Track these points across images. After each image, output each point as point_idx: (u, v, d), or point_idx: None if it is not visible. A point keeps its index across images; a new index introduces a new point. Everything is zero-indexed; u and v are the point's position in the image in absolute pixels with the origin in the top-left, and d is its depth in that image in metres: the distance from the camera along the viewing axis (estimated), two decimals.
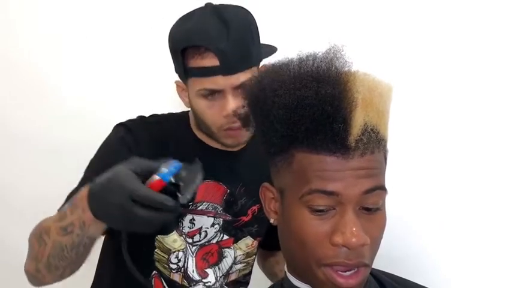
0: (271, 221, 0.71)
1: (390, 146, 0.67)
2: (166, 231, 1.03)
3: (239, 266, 1.12)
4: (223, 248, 1.08)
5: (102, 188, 0.76)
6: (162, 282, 1.06)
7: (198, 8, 0.98)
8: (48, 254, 0.84)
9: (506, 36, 1.27)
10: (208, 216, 1.05)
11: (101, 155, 1.02)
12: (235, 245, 1.09)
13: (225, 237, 1.08)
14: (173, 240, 1.04)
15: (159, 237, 1.03)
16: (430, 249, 1.35)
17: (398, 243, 1.25)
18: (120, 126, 1.05)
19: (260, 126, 0.68)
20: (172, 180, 0.77)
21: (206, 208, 1.05)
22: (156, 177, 0.75)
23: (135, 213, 0.72)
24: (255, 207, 1.09)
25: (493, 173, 1.29)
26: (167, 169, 0.76)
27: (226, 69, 0.91)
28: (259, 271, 1.30)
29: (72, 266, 0.87)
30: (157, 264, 1.06)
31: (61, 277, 0.88)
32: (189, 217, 1.04)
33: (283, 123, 0.62)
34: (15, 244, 1.67)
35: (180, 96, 1.05)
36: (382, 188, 0.63)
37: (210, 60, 0.91)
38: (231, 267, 1.10)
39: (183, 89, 1.02)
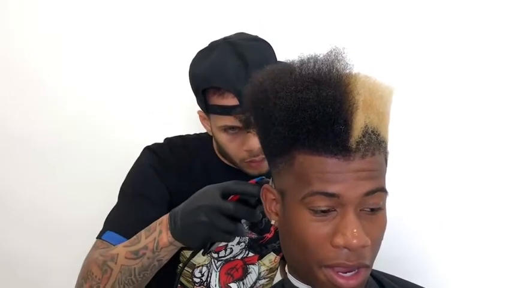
0: (272, 222, 0.71)
1: (391, 148, 0.67)
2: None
3: (263, 281, 1.15)
4: (248, 265, 1.11)
5: (185, 206, 0.81)
6: None
7: (217, 44, 0.99)
8: (115, 279, 0.85)
9: (506, 40, 1.27)
10: None
11: (133, 182, 1.04)
12: (259, 261, 1.12)
13: (250, 254, 1.10)
14: (198, 255, 1.05)
15: (183, 252, 1.04)
16: (430, 250, 1.36)
17: (398, 245, 1.25)
18: (147, 152, 1.08)
19: (261, 128, 0.69)
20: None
21: None
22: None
23: (215, 221, 0.77)
24: None
25: (491, 174, 1.30)
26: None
27: None
28: None
29: None
30: (180, 278, 1.07)
31: None
32: None
33: (284, 125, 0.62)
34: (14, 246, 1.68)
35: (203, 124, 1.08)
36: (382, 190, 0.63)
37: (230, 100, 0.94)
38: (255, 283, 1.13)
39: (204, 118, 1.05)
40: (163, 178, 1.01)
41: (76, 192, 1.61)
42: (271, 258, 1.13)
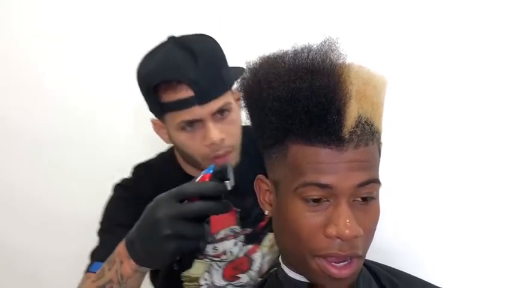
0: (266, 212, 0.71)
1: (385, 139, 0.67)
2: (189, 265, 1.05)
3: (268, 258, 1.13)
4: (251, 255, 1.10)
5: (140, 227, 0.73)
6: None
7: (161, 43, 0.98)
8: None
9: (495, 26, 1.26)
10: (229, 240, 1.07)
11: (107, 216, 1.03)
12: (260, 246, 1.11)
13: (250, 246, 1.09)
14: (197, 268, 1.06)
15: (184, 273, 1.05)
16: (429, 247, 1.35)
17: (394, 239, 1.25)
18: (118, 187, 1.07)
19: (255, 118, 0.69)
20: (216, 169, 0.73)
21: (225, 234, 1.06)
22: (201, 173, 0.73)
23: (182, 230, 0.68)
24: None
25: (486, 169, 1.29)
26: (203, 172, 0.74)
27: (201, 98, 0.91)
28: None
29: None
30: None
31: None
32: (210, 245, 1.05)
33: (277, 115, 0.63)
34: (13, 241, 1.69)
35: (159, 134, 1.05)
36: (375, 181, 0.63)
37: (184, 92, 0.91)
38: (261, 264, 1.12)
39: (160, 126, 1.02)
40: (135, 206, 0.92)
41: (75, 187, 1.61)
42: (270, 238, 1.11)
